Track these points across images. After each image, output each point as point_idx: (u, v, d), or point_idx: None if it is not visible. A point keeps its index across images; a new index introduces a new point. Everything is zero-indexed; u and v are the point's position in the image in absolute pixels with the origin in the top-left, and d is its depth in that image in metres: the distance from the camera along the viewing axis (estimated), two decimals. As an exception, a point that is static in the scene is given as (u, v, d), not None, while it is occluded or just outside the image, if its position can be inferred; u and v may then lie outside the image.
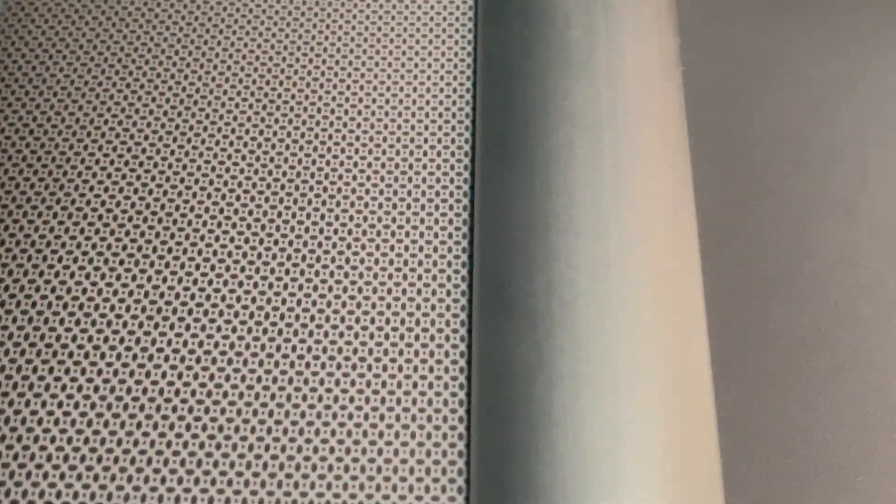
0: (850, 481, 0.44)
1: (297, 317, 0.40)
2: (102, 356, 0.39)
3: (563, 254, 0.39)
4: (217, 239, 0.42)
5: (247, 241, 0.42)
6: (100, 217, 0.42)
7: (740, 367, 0.47)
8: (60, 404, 0.38)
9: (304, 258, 0.42)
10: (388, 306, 0.41)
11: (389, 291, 0.41)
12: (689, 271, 0.40)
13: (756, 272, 0.49)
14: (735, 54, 0.55)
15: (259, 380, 0.39)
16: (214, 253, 0.42)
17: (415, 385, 0.39)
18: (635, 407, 0.36)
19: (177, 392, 0.39)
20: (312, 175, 0.44)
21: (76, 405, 0.38)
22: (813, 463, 0.45)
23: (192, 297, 0.41)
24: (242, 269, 0.41)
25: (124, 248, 0.42)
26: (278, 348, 0.40)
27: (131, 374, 0.39)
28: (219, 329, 0.40)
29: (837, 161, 0.52)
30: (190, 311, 0.40)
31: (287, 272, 0.41)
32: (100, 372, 0.39)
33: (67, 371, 0.39)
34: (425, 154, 0.44)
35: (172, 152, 0.44)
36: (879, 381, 0.47)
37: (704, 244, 0.49)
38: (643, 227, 0.40)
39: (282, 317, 0.40)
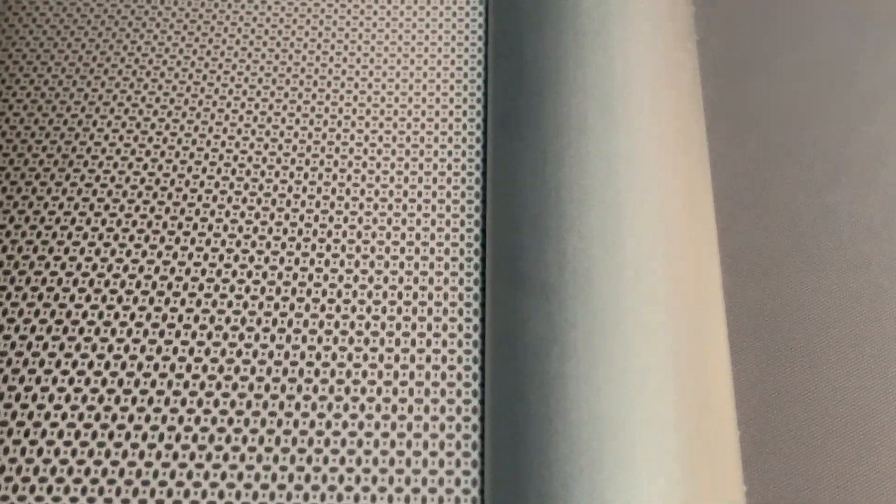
0: (867, 453, 0.44)
1: (310, 291, 0.40)
2: (113, 332, 0.39)
3: (575, 226, 0.39)
4: (228, 214, 0.42)
5: (264, 223, 0.42)
6: (110, 193, 0.42)
7: (756, 338, 0.46)
8: (72, 381, 0.38)
9: (315, 233, 0.41)
10: (401, 280, 0.40)
11: (402, 265, 0.41)
12: (704, 243, 0.39)
13: (773, 244, 0.48)
14: (751, 23, 0.54)
15: (271, 355, 0.39)
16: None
17: (428, 359, 0.39)
18: (650, 378, 0.35)
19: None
20: (323, 149, 0.43)
21: (87, 381, 0.38)
22: (830, 434, 0.44)
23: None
24: (254, 244, 0.41)
25: (134, 223, 0.41)
26: (290, 322, 0.40)
27: (143, 350, 0.39)
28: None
29: (855, 132, 0.51)
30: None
31: (299, 246, 0.41)
32: (111, 348, 0.39)
33: (79, 348, 0.39)
34: (437, 126, 0.44)
35: (182, 125, 0.44)
36: (898, 353, 0.46)
37: (720, 215, 0.49)
38: (657, 198, 0.39)
39: (293, 292, 0.40)
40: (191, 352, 0.39)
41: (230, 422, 0.38)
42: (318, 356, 0.39)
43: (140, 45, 0.46)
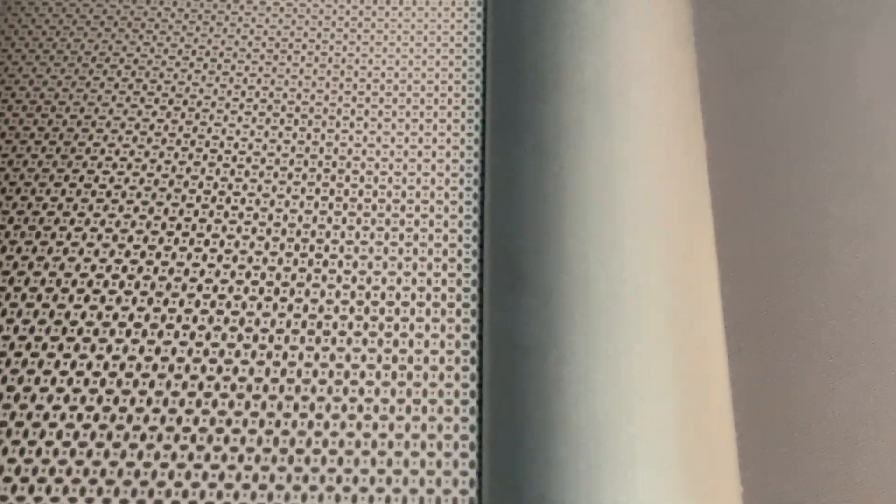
0: (866, 455, 0.44)
1: (308, 293, 0.40)
2: (112, 333, 0.39)
3: (574, 229, 0.39)
4: (226, 215, 0.42)
5: (262, 224, 0.42)
6: (109, 194, 0.42)
7: (755, 341, 0.46)
8: (70, 382, 0.38)
9: (313, 234, 0.42)
10: (399, 281, 0.41)
11: (400, 266, 0.41)
12: (702, 245, 0.39)
13: (771, 245, 0.48)
14: (749, 26, 0.54)
15: (269, 356, 0.39)
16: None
17: (426, 360, 0.39)
18: (649, 382, 0.36)
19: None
20: (322, 150, 0.43)
21: (86, 382, 0.38)
22: (829, 437, 0.44)
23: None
24: (253, 245, 0.41)
25: (133, 224, 0.41)
26: (289, 323, 0.40)
27: (142, 351, 0.39)
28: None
29: (853, 133, 0.51)
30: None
31: (297, 247, 0.41)
32: (110, 349, 0.39)
33: (77, 349, 0.39)
34: (435, 128, 0.44)
35: (181, 125, 0.44)
36: None
37: (718, 218, 0.49)
38: (655, 201, 0.39)
39: (291, 292, 0.40)
40: (190, 353, 0.39)
41: (229, 422, 0.38)
42: (317, 357, 0.39)
43: (139, 46, 0.46)
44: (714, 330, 0.38)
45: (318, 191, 0.42)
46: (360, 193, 0.42)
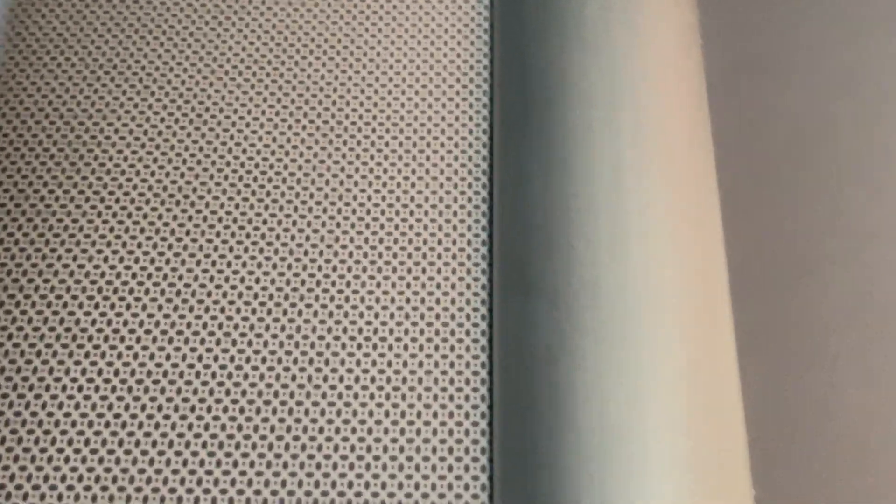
0: (874, 456, 0.44)
1: (318, 297, 0.40)
2: (122, 339, 0.39)
3: (583, 233, 0.39)
4: (234, 221, 0.42)
5: (271, 229, 0.42)
6: (118, 201, 0.42)
7: (764, 344, 0.46)
8: (81, 388, 0.38)
9: (322, 239, 0.42)
10: (409, 286, 0.41)
11: (409, 271, 0.41)
12: (711, 249, 0.39)
13: (779, 249, 0.48)
14: (755, 30, 0.54)
15: (279, 361, 0.39)
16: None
17: (436, 364, 0.39)
18: (659, 386, 0.36)
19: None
20: (330, 155, 0.43)
21: (96, 389, 0.38)
22: (837, 441, 0.44)
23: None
24: (262, 251, 0.41)
25: (142, 231, 0.41)
26: (299, 328, 0.40)
27: (151, 356, 0.39)
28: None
29: (860, 136, 0.51)
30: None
31: (307, 252, 0.41)
32: (120, 355, 0.39)
33: (87, 355, 0.39)
34: (443, 133, 0.44)
35: (189, 132, 0.44)
36: (903, 357, 0.46)
37: (726, 221, 0.49)
38: (664, 204, 0.39)
39: (301, 298, 0.40)
40: (199, 359, 0.39)
41: (239, 428, 0.38)
42: (327, 362, 0.39)
43: (146, 53, 0.46)
44: (724, 333, 0.38)
45: (326, 196, 0.42)
46: (369, 198, 0.42)
